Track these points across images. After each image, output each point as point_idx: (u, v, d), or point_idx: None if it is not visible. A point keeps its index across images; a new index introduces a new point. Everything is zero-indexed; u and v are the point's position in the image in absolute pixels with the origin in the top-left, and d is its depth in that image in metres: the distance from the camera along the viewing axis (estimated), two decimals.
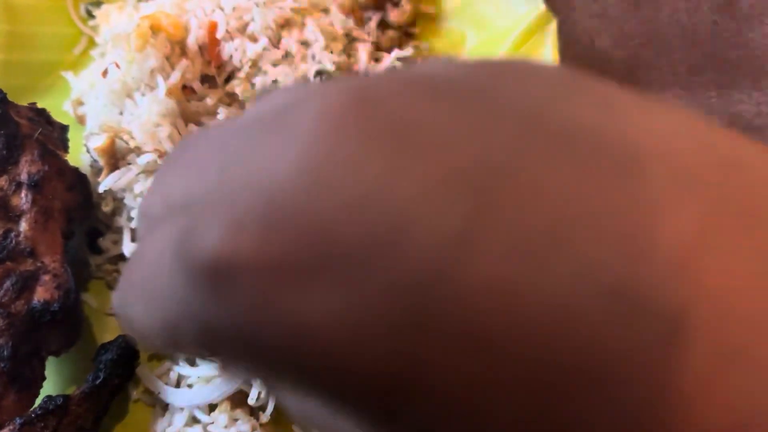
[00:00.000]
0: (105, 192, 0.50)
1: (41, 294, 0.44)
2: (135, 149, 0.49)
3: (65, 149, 0.51)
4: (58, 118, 0.52)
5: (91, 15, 0.61)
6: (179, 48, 0.52)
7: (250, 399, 0.46)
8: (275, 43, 0.54)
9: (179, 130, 0.50)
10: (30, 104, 0.51)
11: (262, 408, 0.47)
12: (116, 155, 0.49)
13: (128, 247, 0.50)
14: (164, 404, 0.48)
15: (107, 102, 0.51)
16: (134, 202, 0.50)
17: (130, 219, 0.50)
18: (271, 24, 0.53)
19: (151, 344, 0.16)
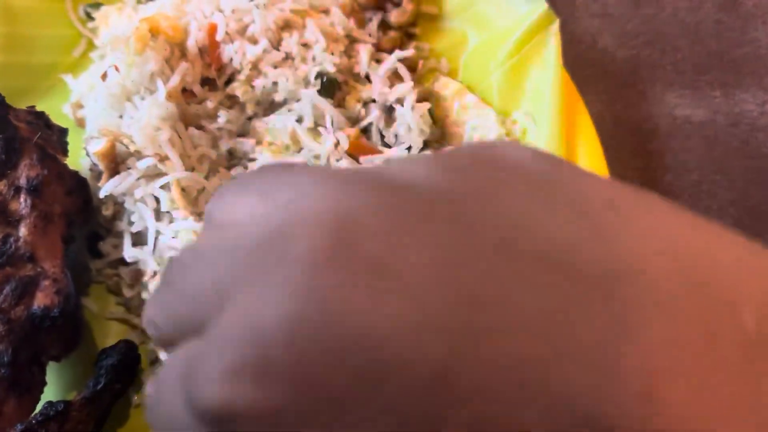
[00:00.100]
0: (106, 196, 0.49)
1: (41, 299, 0.44)
2: (135, 153, 0.49)
3: (64, 153, 0.50)
4: (58, 121, 0.52)
5: (90, 17, 0.61)
6: (179, 50, 0.52)
7: None
8: (275, 45, 0.53)
9: (179, 134, 0.50)
10: (29, 107, 0.51)
11: None
12: (116, 159, 0.49)
13: (129, 252, 0.49)
14: None
15: (107, 105, 0.51)
16: (134, 207, 0.49)
17: (131, 223, 0.50)
18: (271, 26, 0.53)
19: None
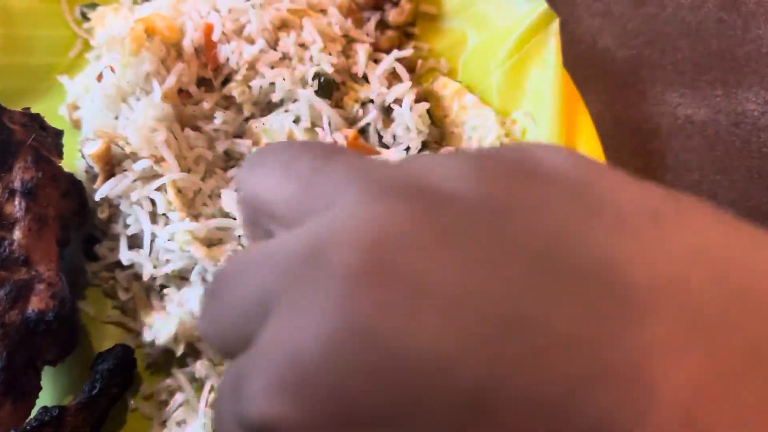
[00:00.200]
0: (101, 198, 0.49)
1: (36, 303, 0.43)
2: (131, 155, 0.49)
3: (59, 155, 0.50)
4: (54, 123, 0.51)
5: (86, 17, 0.60)
6: (175, 51, 0.51)
7: None
8: (272, 45, 0.53)
9: (175, 135, 0.50)
10: (23, 109, 0.50)
11: None
12: (112, 161, 0.49)
13: (125, 255, 0.49)
14: (162, 419, 0.47)
15: (102, 106, 0.51)
16: (130, 209, 0.49)
17: (127, 226, 0.49)
18: (268, 26, 0.52)
19: None
